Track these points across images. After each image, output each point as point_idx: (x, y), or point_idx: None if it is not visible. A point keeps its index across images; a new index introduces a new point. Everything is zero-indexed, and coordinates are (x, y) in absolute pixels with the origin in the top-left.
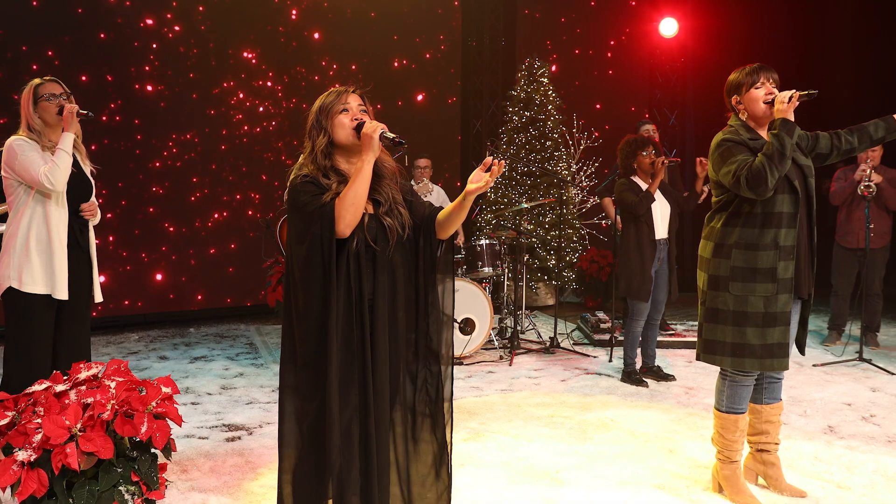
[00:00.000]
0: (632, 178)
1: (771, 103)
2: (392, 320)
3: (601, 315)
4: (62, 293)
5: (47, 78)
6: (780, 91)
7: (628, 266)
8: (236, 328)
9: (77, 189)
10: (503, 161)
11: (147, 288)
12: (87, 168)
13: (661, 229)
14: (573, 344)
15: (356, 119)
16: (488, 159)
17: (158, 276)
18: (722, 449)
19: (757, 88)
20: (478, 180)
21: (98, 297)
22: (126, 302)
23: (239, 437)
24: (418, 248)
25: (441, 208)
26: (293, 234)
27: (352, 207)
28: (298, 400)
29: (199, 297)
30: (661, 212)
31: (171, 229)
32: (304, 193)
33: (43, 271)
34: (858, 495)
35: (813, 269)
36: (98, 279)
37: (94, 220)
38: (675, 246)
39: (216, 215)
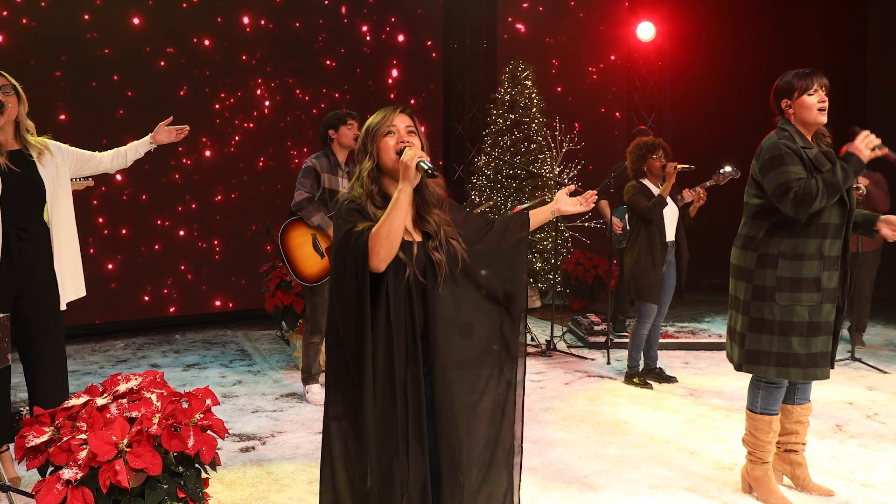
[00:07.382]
0: (641, 181)
1: (824, 110)
2: (456, 357)
3: (592, 317)
4: None
5: None
6: (827, 97)
7: (639, 268)
8: (223, 334)
9: (19, 191)
10: (595, 193)
11: (129, 294)
12: (49, 168)
13: (670, 232)
14: (568, 347)
15: (402, 142)
16: (571, 188)
17: (141, 282)
18: (754, 450)
19: (810, 95)
20: (574, 204)
21: (61, 306)
22: (107, 309)
23: (253, 448)
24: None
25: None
26: (332, 256)
27: (386, 241)
28: (342, 431)
29: (183, 302)
30: (670, 214)
31: (156, 235)
32: (346, 221)
33: None
34: (884, 493)
35: (847, 281)
36: (64, 287)
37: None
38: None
39: (196, 223)
